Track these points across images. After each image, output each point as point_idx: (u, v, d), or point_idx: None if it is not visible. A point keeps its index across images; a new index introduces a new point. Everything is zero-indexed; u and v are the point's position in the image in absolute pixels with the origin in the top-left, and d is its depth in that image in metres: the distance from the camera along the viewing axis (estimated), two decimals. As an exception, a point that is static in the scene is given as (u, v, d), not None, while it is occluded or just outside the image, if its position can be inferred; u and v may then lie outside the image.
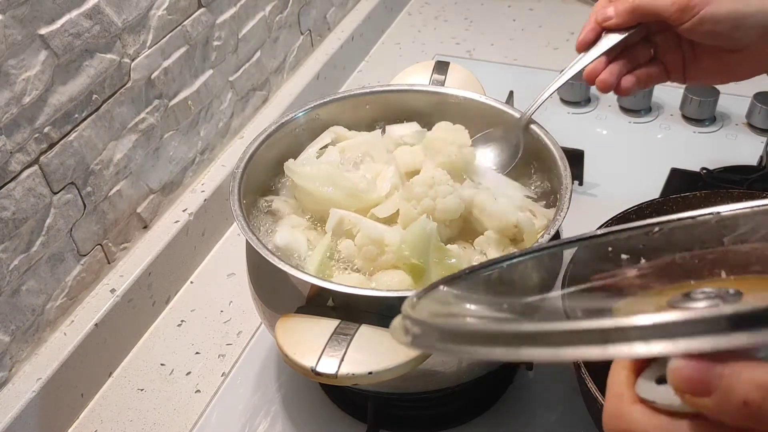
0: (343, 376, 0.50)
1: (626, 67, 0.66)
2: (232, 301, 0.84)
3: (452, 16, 1.37)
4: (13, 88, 0.62)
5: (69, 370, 0.70)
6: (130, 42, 0.75)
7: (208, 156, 0.93)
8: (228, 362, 0.77)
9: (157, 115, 0.81)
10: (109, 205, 0.77)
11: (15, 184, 0.64)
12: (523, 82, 1.08)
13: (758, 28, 0.61)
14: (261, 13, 0.98)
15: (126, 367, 0.78)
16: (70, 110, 0.69)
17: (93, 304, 0.75)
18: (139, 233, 0.83)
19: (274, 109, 1.03)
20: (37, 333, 0.70)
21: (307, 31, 1.13)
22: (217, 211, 0.91)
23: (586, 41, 0.66)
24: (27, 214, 0.66)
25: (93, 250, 0.76)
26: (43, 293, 0.70)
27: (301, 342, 0.53)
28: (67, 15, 0.67)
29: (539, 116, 0.71)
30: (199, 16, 0.85)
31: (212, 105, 0.92)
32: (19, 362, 0.69)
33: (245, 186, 0.66)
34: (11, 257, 0.65)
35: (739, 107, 1.05)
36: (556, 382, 0.73)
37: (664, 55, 0.66)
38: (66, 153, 0.69)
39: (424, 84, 0.79)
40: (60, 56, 0.66)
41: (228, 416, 0.72)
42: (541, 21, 1.33)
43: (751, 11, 0.60)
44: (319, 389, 0.73)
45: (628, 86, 0.66)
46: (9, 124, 0.63)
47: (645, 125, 1.05)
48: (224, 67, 0.92)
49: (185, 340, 0.80)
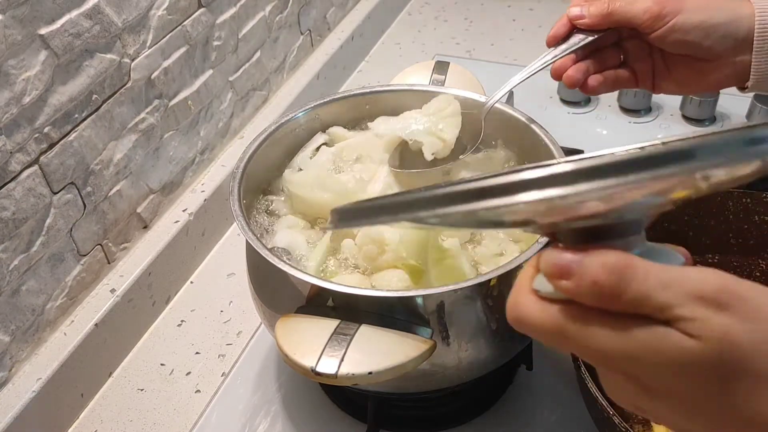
0: (343, 376, 0.50)
1: (594, 67, 0.66)
2: (232, 301, 0.84)
3: (452, 16, 1.37)
4: (13, 88, 0.62)
5: (69, 370, 0.70)
6: (130, 42, 0.75)
7: (208, 156, 0.93)
8: (228, 362, 0.77)
9: (157, 115, 0.81)
10: (109, 205, 0.77)
11: (15, 184, 0.64)
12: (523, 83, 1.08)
13: (729, 39, 0.61)
14: (261, 13, 0.98)
15: (126, 367, 0.78)
16: (70, 110, 0.69)
17: (93, 304, 0.75)
18: (139, 233, 0.83)
19: (274, 109, 1.03)
20: (37, 333, 0.70)
21: (307, 31, 1.13)
22: (217, 211, 0.91)
23: (557, 36, 0.66)
24: (27, 214, 0.66)
25: (93, 250, 0.76)
26: (43, 293, 0.70)
27: (301, 342, 0.53)
28: (67, 15, 0.67)
29: (540, 115, 0.71)
30: (199, 16, 0.85)
31: (212, 105, 0.92)
32: (19, 362, 0.69)
33: (245, 186, 0.66)
34: (11, 257, 0.65)
35: (739, 107, 1.04)
36: (556, 383, 0.73)
37: (634, 62, 0.67)
38: (66, 153, 0.69)
39: (424, 84, 0.79)
40: (60, 56, 0.66)
41: (228, 416, 0.72)
42: (541, 21, 1.33)
43: (722, 21, 0.60)
44: (319, 389, 0.73)
45: (595, 85, 0.66)
46: (9, 124, 0.63)
47: (645, 125, 1.05)
48: (224, 67, 0.92)
49: (185, 340, 0.80)
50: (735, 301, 0.31)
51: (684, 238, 0.77)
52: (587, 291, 0.32)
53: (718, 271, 0.32)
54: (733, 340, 0.31)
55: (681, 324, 0.31)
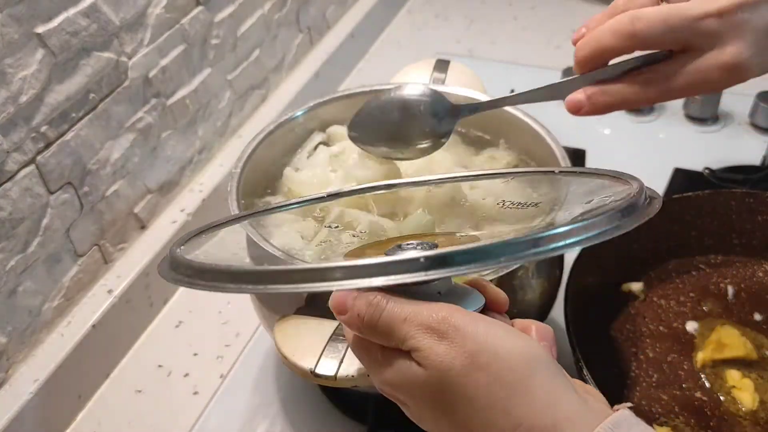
0: (342, 378, 0.50)
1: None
2: (230, 302, 0.83)
3: (453, 14, 1.37)
4: (9, 87, 0.62)
5: (66, 372, 0.70)
6: (128, 40, 0.75)
7: (206, 155, 0.92)
8: (226, 364, 0.77)
9: (154, 114, 0.81)
10: (106, 205, 0.76)
11: (12, 183, 0.64)
12: (524, 81, 1.08)
13: None
14: (260, 11, 0.98)
15: (123, 368, 0.77)
16: (67, 109, 0.69)
17: (90, 305, 0.74)
18: (137, 233, 0.82)
19: (272, 108, 1.03)
20: (34, 334, 0.70)
21: (306, 29, 1.12)
22: (215, 211, 0.90)
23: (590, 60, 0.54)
24: (24, 214, 0.66)
25: (90, 250, 0.75)
26: (40, 294, 0.70)
27: (300, 343, 0.53)
28: (64, 13, 0.66)
29: (542, 115, 0.70)
30: (197, 15, 0.85)
31: (210, 104, 0.91)
32: (16, 364, 0.68)
33: (244, 186, 0.66)
34: (8, 258, 0.65)
35: (742, 106, 1.04)
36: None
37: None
38: (63, 152, 0.69)
39: (424, 82, 0.78)
40: (57, 55, 0.66)
41: (226, 418, 0.72)
42: (542, 19, 1.33)
43: None
44: (319, 391, 0.73)
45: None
46: (6, 124, 0.62)
47: (647, 125, 1.05)
48: (223, 65, 0.92)
49: (183, 342, 0.80)
50: (452, 332, 0.36)
51: (686, 239, 0.77)
52: (355, 322, 0.39)
53: (447, 305, 0.38)
54: (447, 368, 0.36)
55: (415, 354, 0.37)
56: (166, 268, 0.43)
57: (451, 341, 0.36)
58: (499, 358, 0.36)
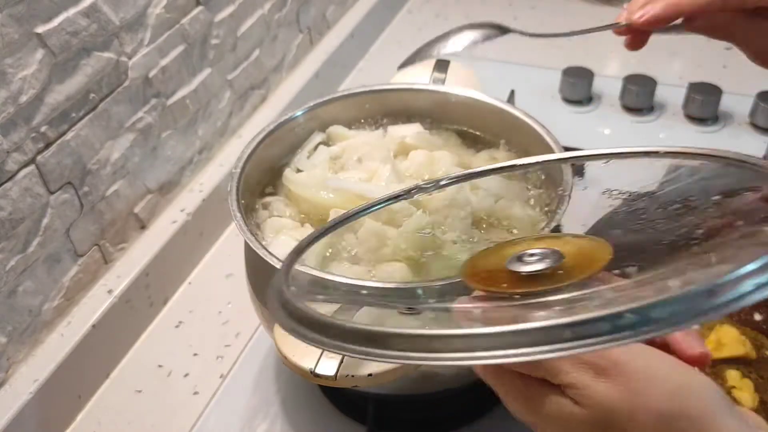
0: (342, 378, 0.50)
1: None
2: (230, 302, 0.83)
3: (453, 14, 1.37)
4: (9, 87, 0.62)
5: (66, 372, 0.70)
6: (128, 40, 0.75)
7: (206, 155, 0.92)
8: (226, 364, 0.77)
9: (154, 114, 0.81)
10: (106, 205, 0.76)
11: (12, 183, 0.64)
12: (525, 81, 1.08)
13: None
14: (260, 11, 0.98)
15: (123, 368, 0.77)
16: (67, 109, 0.69)
17: (90, 305, 0.74)
18: (137, 233, 0.82)
19: (272, 108, 1.03)
20: (34, 334, 0.70)
21: (306, 29, 1.12)
22: (215, 211, 0.90)
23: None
24: (24, 214, 0.66)
25: (90, 250, 0.75)
26: (40, 294, 0.70)
27: (299, 343, 0.52)
28: (64, 13, 0.66)
29: (541, 114, 0.70)
30: (197, 15, 0.85)
31: (210, 104, 0.91)
32: (16, 364, 0.68)
33: (244, 186, 0.66)
34: (8, 258, 0.65)
35: (742, 106, 1.04)
36: (557, 384, 0.72)
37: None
38: (63, 152, 0.69)
39: (424, 83, 0.78)
40: (57, 55, 0.66)
41: (226, 418, 0.72)
42: (542, 19, 1.32)
43: None
44: (319, 391, 0.73)
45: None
46: (6, 124, 0.62)
47: (647, 125, 1.05)
48: (222, 65, 0.92)
49: (183, 342, 0.80)
50: (612, 367, 0.34)
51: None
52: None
53: None
54: (608, 408, 0.34)
55: (569, 391, 0.35)
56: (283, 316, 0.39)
57: (611, 379, 0.34)
58: (671, 397, 0.33)
